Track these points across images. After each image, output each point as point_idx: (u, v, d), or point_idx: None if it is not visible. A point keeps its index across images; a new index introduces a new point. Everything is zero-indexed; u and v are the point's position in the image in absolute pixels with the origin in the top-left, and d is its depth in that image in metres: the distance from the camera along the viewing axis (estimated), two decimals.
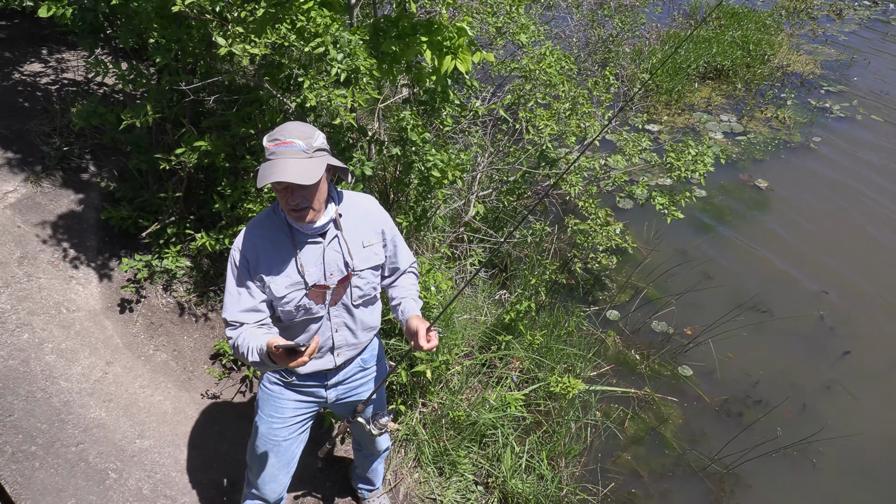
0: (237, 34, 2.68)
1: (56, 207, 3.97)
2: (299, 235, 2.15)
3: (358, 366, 2.49)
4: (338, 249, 2.19)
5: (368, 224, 2.27)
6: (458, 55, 2.81)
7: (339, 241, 2.19)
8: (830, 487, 3.75)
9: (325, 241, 2.18)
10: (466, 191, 4.55)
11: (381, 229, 2.30)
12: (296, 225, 2.12)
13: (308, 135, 2.01)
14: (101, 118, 3.35)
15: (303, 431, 2.55)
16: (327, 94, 2.71)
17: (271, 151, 1.99)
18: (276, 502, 2.64)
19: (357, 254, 2.23)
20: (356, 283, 2.25)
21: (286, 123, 2.06)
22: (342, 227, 2.19)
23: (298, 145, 1.98)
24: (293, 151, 1.97)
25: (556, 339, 4.03)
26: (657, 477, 3.75)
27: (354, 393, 2.53)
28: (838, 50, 8.52)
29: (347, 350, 2.38)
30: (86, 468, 3.03)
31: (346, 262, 2.21)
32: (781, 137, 6.75)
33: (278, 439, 2.48)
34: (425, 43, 2.79)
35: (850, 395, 4.23)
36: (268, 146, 2.00)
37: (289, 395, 2.44)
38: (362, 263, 2.24)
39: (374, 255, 2.28)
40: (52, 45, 5.14)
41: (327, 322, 2.28)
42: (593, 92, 4.49)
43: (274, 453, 2.50)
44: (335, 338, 2.32)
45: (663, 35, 8.07)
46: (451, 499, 3.33)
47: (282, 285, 2.14)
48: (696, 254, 5.23)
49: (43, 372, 3.31)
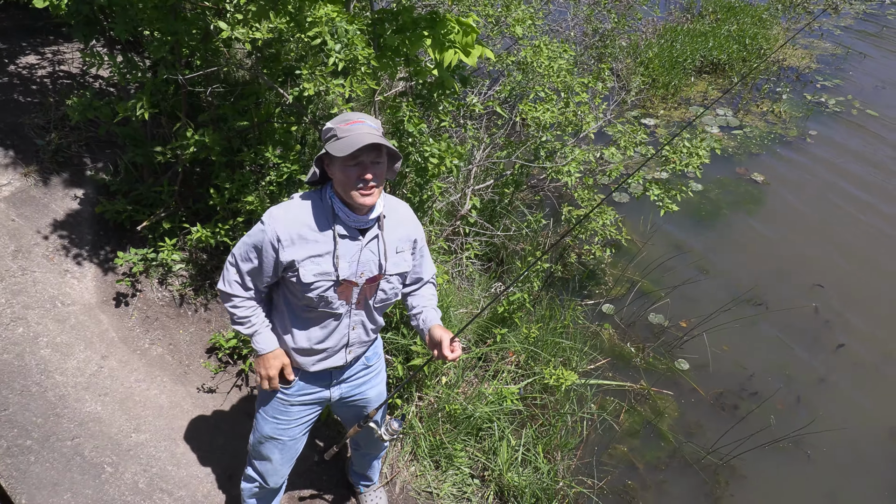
0: (237, 21, 2.68)
1: (50, 201, 3.95)
2: (341, 228, 2.13)
3: (362, 363, 2.49)
4: (374, 250, 2.18)
5: (405, 231, 2.27)
6: (464, 50, 2.80)
7: (378, 242, 2.19)
8: (824, 478, 3.78)
9: (364, 240, 2.16)
10: (463, 184, 4.55)
11: (415, 238, 2.30)
12: (343, 214, 2.11)
13: (374, 119, 2.10)
14: (96, 111, 3.33)
15: (306, 430, 2.56)
16: (325, 83, 2.71)
17: (345, 129, 2.02)
18: (277, 488, 2.68)
19: (391, 258, 2.23)
20: (383, 286, 2.25)
21: (346, 112, 2.13)
22: (384, 228, 2.19)
23: (370, 124, 2.05)
24: (367, 127, 2.02)
25: (552, 332, 4.04)
26: (653, 469, 3.77)
27: (357, 392, 2.53)
28: (834, 44, 8.52)
29: (358, 347, 2.39)
30: (81, 462, 3.03)
31: (381, 265, 2.20)
32: (777, 131, 6.76)
33: (284, 439, 2.49)
34: (428, 38, 2.78)
35: (845, 387, 4.26)
36: (339, 126, 2.04)
37: (294, 400, 2.44)
38: (393, 268, 2.24)
39: (403, 262, 2.28)
40: (47, 37, 5.11)
41: (346, 319, 2.27)
42: (589, 84, 4.48)
43: (279, 450, 2.52)
44: (350, 335, 2.32)
45: (660, 29, 8.07)
46: (448, 492, 3.34)
47: (311, 272, 2.12)
48: (691, 247, 5.24)
49: (38, 366, 3.30)
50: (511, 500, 3.35)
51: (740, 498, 3.65)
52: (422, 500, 3.32)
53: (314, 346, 2.28)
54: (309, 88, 2.73)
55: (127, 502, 2.95)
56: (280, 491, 2.77)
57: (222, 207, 3.60)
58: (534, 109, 4.16)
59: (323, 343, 2.28)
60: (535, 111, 4.15)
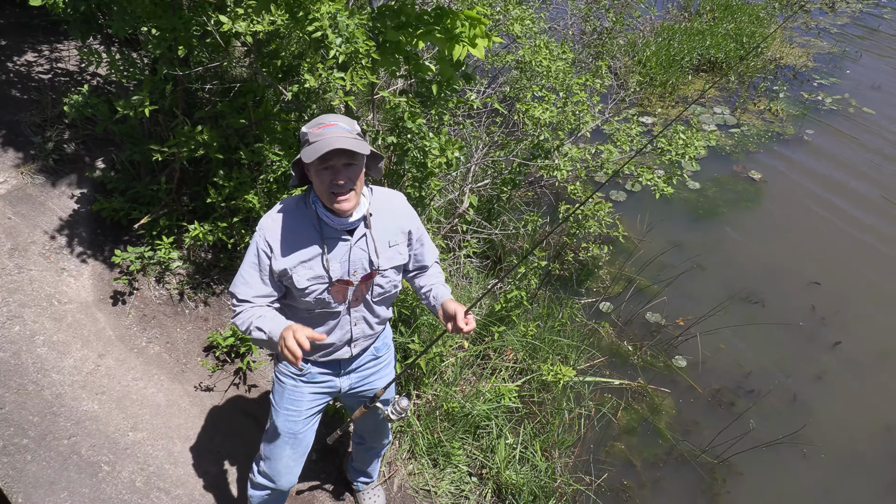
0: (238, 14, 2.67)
1: (47, 199, 3.94)
2: (328, 230, 2.13)
3: (371, 354, 2.50)
4: (364, 248, 2.18)
5: (397, 224, 2.26)
6: (471, 42, 2.78)
7: (367, 240, 2.18)
8: (820, 476, 3.79)
9: (353, 239, 2.16)
10: (461, 182, 4.55)
11: (409, 230, 2.30)
12: (327, 219, 2.11)
13: (349, 121, 2.07)
14: (93, 109, 3.32)
15: (316, 421, 2.56)
16: (326, 75, 2.70)
17: (316, 134, 2.00)
18: (286, 491, 2.68)
19: (383, 253, 2.22)
20: (378, 281, 2.25)
21: (323, 115, 2.08)
22: (371, 226, 2.18)
23: (343, 126, 2.02)
24: (339, 131, 2.00)
25: (550, 330, 4.04)
26: (650, 467, 3.78)
27: (367, 382, 2.53)
28: (830, 42, 8.54)
29: (364, 341, 2.40)
30: (78, 461, 3.02)
31: (372, 261, 2.20)
32: (774, 130, 6.77)
33: (296, 430, 2.49)
34: (439, 33, 2.77)
35: (841, 384, 4.27)
36: (311, 130, 2.02)
37: (304, 389, 2.45)
38: (387, 263, 2.24)
39: (398, 255, 2.27)
40: (44, 35, 5.09)
41: (346, 317, 2.28)
42: (587, 83, 4.48)
43: (291, 446, 2.52)
44: (354, 331, 2.33)
45: (657, 27, 8.07)
46: (446, 490, 3.34)
47: (304, 277, 2.13)
48: (688, 245, 5.24)
49: (34, 364, 3.30)
50: (509, 497, 3.35)
51: (737, 495, 3.66)
52: (420, 498, 3.32)
53: (317, 345, 2.28)
54: (310, 80, 2.72)
55: (124, 501, 2.94)
56: (287, 494, 2.78)
57: (220, 206, 3.59)
58: (533, 108, 4.16)
59: (324, 341, 2.28)
60: (534, 110, 4.15)
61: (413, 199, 3.51)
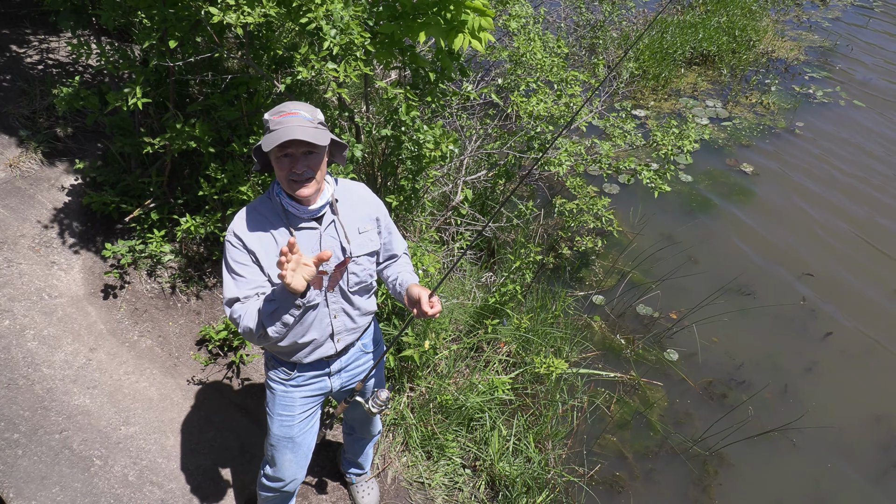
0: (228, 6, 2.64)
1: (36, 192, 3.90)
2: (295, 220, 2.14)
3: (359, 350, 2.49)
4: (335, 235, 2.20)
5: (364, 211, 2.28)
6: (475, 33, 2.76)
7: (336, 227, 2.19)
8: (811, 467, 3.82)
9: (322, 226, 2.17)
10: (455, 174, 4.54)
11: (377, 217, 2.31)
12: (292, 209, 2.12)
13: (311, 109, 2.06)
14: (83, 101, 3.28)
15: (314, 423, 2.56)
16: (319, 66, 2.69)
17: (276, 122, 2.00)
18: (293, 492, 2.73)
19: (353, 239, 2.23)
20: (353, 269, 2.25)
21: (286, 102, 2.08)
22: (339, 212, 2.19)
23: (304, 115, 2.02)
24: (299, 119, 2.00)
25: (543, 322, 4.05)
26: (642, 459, 3.80)
27: (358, 379, 2.53)
28: (822, 36, 8.56)
29: (347, 335, 2.38)
30: (70, 455, 3.00)
31: (344, 248, 2.21)
32: (766, 123, 6.79)
33: (293, 435, 2.50)
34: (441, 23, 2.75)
35: (832, 375, 4.30)
36: (272, 118, 2.02)
37: (294, 393, 2.45)
38: (359, 249, 2.25)
39: (369, 242, 2.28)
40: (32, 26, 5.02)
41: (325, 309, 2.27)
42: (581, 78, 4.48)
43: (291, 450, 2.53)
44: (334, 324, 2.32)
45: (650, 19, 8.06)
46: (439, 482, 3.35)
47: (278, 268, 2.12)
48: (681, 238, 5.26)
49: (25, 359, 3.27)
50: (502, 489, 3.36)
51: (728, 486, 3.69)
52: (413, 490, 3.32)
53: (298, 342, 2.27)
54: (303, 72, 2.70)
55: (117, 495, 2.93)
56: (295, 494, 2.80)
57: (211, 199, 3.56)
58: (527, 102, 4.16)
59: (305, 337, 2.27)
60: (528, 104, 4.14)
61: (407, 191, 3.50)
